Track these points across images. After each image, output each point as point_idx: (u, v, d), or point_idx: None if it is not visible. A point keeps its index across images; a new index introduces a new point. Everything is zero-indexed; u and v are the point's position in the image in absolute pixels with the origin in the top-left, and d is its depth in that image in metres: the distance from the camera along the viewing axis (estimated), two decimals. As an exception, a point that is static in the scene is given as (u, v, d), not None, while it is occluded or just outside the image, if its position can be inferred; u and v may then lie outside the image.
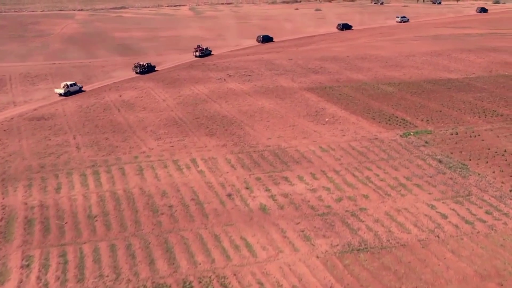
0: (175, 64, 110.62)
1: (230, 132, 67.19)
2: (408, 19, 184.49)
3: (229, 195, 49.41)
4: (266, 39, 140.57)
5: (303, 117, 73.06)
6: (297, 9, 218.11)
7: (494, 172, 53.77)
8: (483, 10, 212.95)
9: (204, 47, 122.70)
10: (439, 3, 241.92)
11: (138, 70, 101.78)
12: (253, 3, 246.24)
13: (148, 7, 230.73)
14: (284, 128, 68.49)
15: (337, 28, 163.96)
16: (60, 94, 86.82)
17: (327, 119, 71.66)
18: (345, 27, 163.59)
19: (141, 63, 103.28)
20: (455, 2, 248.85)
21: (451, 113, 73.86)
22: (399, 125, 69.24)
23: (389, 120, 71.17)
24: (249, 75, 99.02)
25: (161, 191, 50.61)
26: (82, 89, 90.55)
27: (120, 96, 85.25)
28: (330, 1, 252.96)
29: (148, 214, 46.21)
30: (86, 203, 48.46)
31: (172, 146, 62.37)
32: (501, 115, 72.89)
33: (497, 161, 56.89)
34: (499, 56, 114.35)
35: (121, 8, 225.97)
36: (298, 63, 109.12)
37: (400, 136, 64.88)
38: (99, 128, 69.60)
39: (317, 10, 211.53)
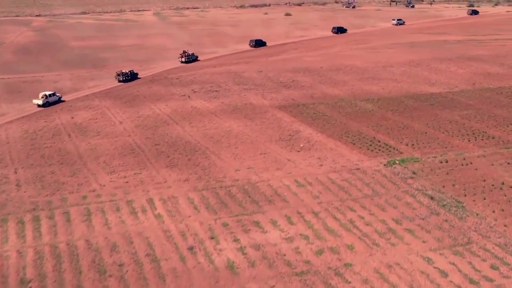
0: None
1: (194, 162, 60.05)
2: (404, 22, 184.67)
3: (190, 249, 42.40)
4: (259, 44, 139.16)
5: (276, 142, 66.24)
6: (266, 13, 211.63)
7: (494, 212, 47.57)
8: (475, 12, 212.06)
9: (190, 53, 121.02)
10: (412, 6, 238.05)
11: (121, 78, 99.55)
12: (220, 7, 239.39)
13: (110, 12, 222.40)
14: (255, 156, 61.59)
15: (332, 31, 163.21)
16: (39, 105, 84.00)
17: (302, 145, 64.96)
18: (340, 30, 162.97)
19: (124, 71, 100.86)
20: (429, 6, 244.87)
21: (437, 136, 67.75)
22: (382, 151, 62.84)
23: (371, 145, 64.75)
24: (216, 90, 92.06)
25: (111, 243, 43.28)
26: (62, 99, 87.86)
27: (72, 118, 77.59)
28: (300, 5, 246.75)
29: (93, 277, 38.88)
30: (20, 262, 40.96)
31: (127, 182, 55.02)
32: (492, 138, 66.99)
33: (495, 196, 50.70)
34: (480, 66, 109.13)
35: (82, 13, 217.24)
36: (268, 76, 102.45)
37: (384, 165, 58.45)
38: (45, 159, 62.00)
39: (287, 14, 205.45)
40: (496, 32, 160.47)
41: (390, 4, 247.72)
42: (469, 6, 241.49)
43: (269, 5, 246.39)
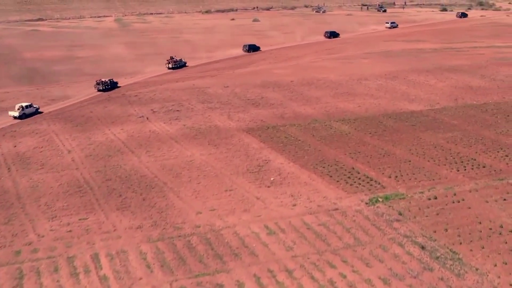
0: (91, 95, 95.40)
1: (149, 203, 52.91)
2: (397, 25, 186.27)
3: (139, 326, 35.06)
4: (253, 49, 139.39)
5: (243, 174, 59.43)
6: (233, 19, 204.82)
7: (496, 266, 41.49)
8: (463, 15, 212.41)
9: (177, 59, 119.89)
10: (384, 11, 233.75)
11: (101, 88, 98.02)
12: (185, 12, 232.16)
13: (69, 19, 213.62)
14: (219, 194, 54.67)
15: (324, 36, 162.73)
16: (15, 117, 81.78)
17: (272, 178, 58.25)
18: (333, 35, 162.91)
19: (103, 79, 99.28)
20: (401, 10, 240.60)
21: (423, 164, 61.61)
22: (363, 185, 56.43)
23: (349, 177, 58.29)
24: (178, 110, 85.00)
25: (43, 320, 35.78)
26: (39, 110, 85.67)
27: (15, 146, 69.87)
28: (268, 10, 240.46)
29: None
30: None
31: (70, 231, 47.71)
32: (483, 166, 61.06)
33: (495, 244, 44.61)
34: (461, 79, 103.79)
35: (38, 20, 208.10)
36: (235, 92, 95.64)
37: (366, 203, 52.03)
38: (-24, 200, 54.05)
39: (254, 20, 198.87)
40: (472, 39, 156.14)
41: (361, 8, 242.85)
42: (442, 10, 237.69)
43: (236, 10, 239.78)
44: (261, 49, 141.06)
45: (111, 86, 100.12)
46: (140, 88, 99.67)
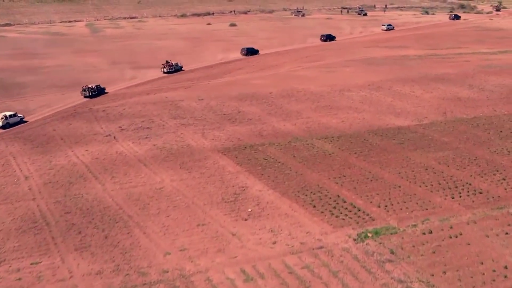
0: (56, 110, 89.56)
1: (112, 241, 47.45)
2: (394, 27, 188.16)
3: None
4: (252, 52, 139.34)
5: (217, 205, 54.17)
6: (209, 24, 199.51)
7: (504, 320, 36.21)
8: (456, 17, 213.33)
9: (173, 63, 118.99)
10: (365, 14, 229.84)
11: (87, 94, 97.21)
12: (160, 16, 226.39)
13: (38, 24, 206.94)
14: (190, 229, 49.43)
15: (320, 39, 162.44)
16: None
17: (250, 209, 53.11)
18: (329, 38, 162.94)
19: (90, 86, 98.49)
20: (383, 13, 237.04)
21: (414, 190, 56.97)
22: (350, 216, 51.58)
23: (335, 207, 53.36)
24: (148, 127, 79.53)
25: None
26: (24, 119, 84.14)
27: (-34, 171, 63.61)
28: (245, 13, 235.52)
29: None
30: None
31: (20, 279, 42.36)
32: (480, 192, 56.45)
33: (501, 291, 39.52)
34: (448, 89, 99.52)
35: (6, 25, 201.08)
36: (210, 106, 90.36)
37: (354, 239, 47.15)
38: None
39: (231, 25, 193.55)
40: (457, 45, 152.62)
41: (341, 12, 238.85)
42: (423, 14, 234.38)
43: (213, 13, 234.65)
44: (259, 53, 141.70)
45: (98, 92, 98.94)
46: (109, 102, 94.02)
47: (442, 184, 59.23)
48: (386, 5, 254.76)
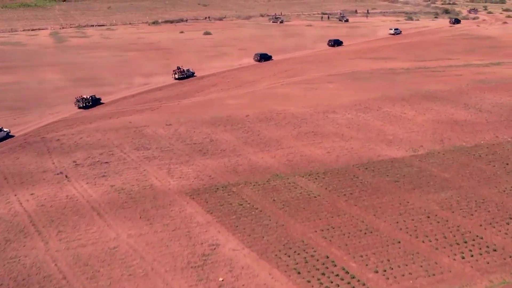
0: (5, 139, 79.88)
1: (48, 330, 37.89)
2: (401, 31, 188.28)
3: None
4: (265, 58, 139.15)
5: (182, 271, 45.46)
6: (182, 32, 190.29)
7: None
8: (457, 21, 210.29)
9: (185, 69, 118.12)
10: (346, 20, 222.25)
11: (81, 105, 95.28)
12: (130, 24, 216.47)
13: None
14: (148, 309, 40.01)
15: (328, 44, 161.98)
16: None
17: (221, 279, 44.46)
18: (337, 43, 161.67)
19: (84, 96, 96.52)
20: (365, 19, 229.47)
21: (416, 247, 48.87)
22: (342, 286, 42.29)
23: (324, 273, 45.10)
24: (106, 161, 70.21)
25: None
26: (10, 134, 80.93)
27: None
28: (221, 20, 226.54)
29: None
30: None
31: None
32: (494, 250, 48.36)
33: None
34: (443, 110, 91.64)
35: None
36: (179, 133, 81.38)
37: (350, 323, 37.94)
38: None
39: (206, 33, 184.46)
40: (446, 56, 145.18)
41: (322, 18, 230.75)
42: (407, 20, 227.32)
43: (186, 20, 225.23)
44: (273, 58, 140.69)
45: (92, 103, 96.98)
46: (65, 129, 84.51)
47: (449, 237, 50.80)
48: (368, 10, 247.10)
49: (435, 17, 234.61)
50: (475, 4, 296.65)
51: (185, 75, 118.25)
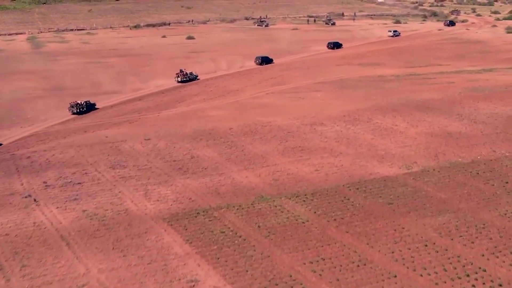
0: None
1: None
2: (400, 33, 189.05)
3: None
4: (266, 61, 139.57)
5: (157, 314, 40.53)
6: (164, 36, 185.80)
7: None
8: (451, 23, 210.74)
9: (187, 72, 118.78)
10: (333, 24, 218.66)
11: (75, 110, 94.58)
12: (110, 28, 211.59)
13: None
14: None
15: (327, 47, 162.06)
16: None
17: (200, 323, 39.47)
18: (336, 45, 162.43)
19: (78, 101, 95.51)
20: (352, 22, 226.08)
21: (414, 283, 45.58)
22: (335, 332, 38.38)
23: (314, 315, 40.16)
24: (79, 182, 65.78)
25: None
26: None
27: None
28: (205, 23, 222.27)
29: None
30: None
31: None
32: (499, 284, 45.29)
33: None
34: (436, 122, 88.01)
35: None
36: (158, 148, 77.06)
37: None
38: None
39: (189, 38, 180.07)
40: (436, 61, 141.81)
41: (308, 21, 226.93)
42: (395, 23, 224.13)
43: (169, 24, 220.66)
44: (273, 62, 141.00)
45: (87, 108, 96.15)
46: (37, 144, 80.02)
47: (449, 270, 46.96)
48: (355, 13, 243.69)
49: (424, 20, 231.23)
50: (463, 6, 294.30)
51: (188, 78, 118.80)
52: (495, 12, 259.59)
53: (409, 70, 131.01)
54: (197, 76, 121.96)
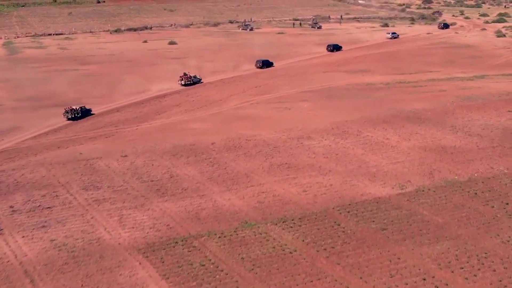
0: None
1: None
2: (398, 35, 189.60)
3: None
4: (267, 64, 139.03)
5: None
6: (145, 41, 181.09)
7: None
8: (445, 26, 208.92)
9: (191, 75, 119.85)
10: (319, 27, 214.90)
11: (70, 116, 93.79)
12: (90, 32, 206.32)
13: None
14: None
15: (327, 49, 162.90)
16: None
17: None
18: (336, 48, 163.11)
19: (74, 107, 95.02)
20: (339, 25, 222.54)
21: (414, 326, 40.00)
22: None
23: None
24: (48, 206, 61.73)
25: None
26: None
27: None
28: (188, 27, 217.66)
29: None
30: None
31: None
32: (507, 327, 39.68)
33: None
34: (429, 134, 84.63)
35: None
36: (135, 166, 72.69)
37: None
38: None
39: (171, 43, 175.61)
40: (426, 68, 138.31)
41: (293, 25, 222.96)
42: (383, 26, 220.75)
43: (151, 28, 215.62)
44: (274, 65, 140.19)
45: (82, 114, 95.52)
46: (5, 163, 75.29)
47: (452, 311, 42.41)
48: (341, 16, 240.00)
49: (412, 23, 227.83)
50: (451, 8, 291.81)
51: (191, 81, 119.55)
52: (484, 15, 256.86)
53: (398, 77, 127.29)
54: (201, 79, 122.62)
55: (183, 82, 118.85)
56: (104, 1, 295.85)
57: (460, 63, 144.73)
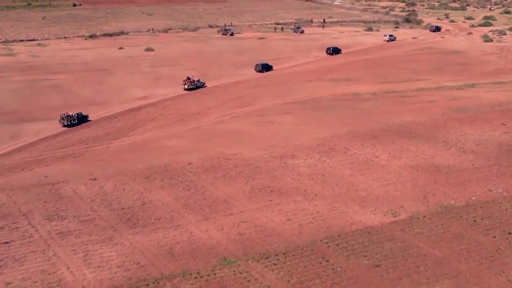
0: None
1: None
2: (395, 38, 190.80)
3: None
4: (266, 68, 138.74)
5: None
6: (121, 48, 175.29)
7: None
8: (437, 28, 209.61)
9: (195, 79, 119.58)
10: (302, 32, 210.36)
11: (66, 123, 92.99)
12: (64, 37, 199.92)
13: None
14: None
15: (326, 53, 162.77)
16: None
17: None
18: (335, 51, 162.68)
19: (70, 113, 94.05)
20: (322, 29, 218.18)
21: None
22: None
23: None
24: (6, 241, 57.08)
25: None
26: None
27: None
28: (166, 32, 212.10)
29: None
30: None
31: None
32: None
33: None
34: (420, 151, 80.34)
35: None
36: (105, 191, 67.51)
37: None
38: None
39: (148, 50, 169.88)
40: (414, 76, 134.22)
41: (275, 29, 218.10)
42: (367, 30, 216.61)
43: (128, 33, 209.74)
44: (273, 68, 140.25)
45: (78, 121, 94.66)
46: (-36, 188, 68.96)
47: None
48: (324, 20, 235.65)
49: (396, 27, 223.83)
50: (435, 11, 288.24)
51: (195, 85, 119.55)
52: (469, 18, 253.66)
53: (385, 86, 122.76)
54: (204, 83, 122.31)
55: (186, 86, 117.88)
56: (80, 5, 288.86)
57: (448, 71, 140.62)
